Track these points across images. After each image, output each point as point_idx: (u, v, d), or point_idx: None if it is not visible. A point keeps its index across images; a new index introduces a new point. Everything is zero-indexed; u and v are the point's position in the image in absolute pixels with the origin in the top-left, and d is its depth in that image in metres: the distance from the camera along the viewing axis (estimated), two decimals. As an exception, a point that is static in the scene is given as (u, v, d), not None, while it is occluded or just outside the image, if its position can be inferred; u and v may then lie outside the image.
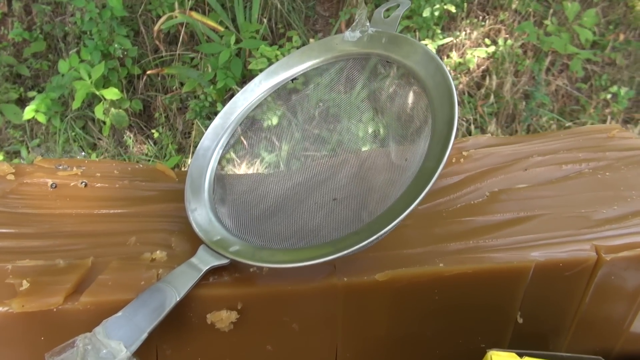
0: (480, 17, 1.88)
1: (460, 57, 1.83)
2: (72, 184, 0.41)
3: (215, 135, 0.42)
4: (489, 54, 1.81)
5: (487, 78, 1.78)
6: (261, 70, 1.41)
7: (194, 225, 0.36)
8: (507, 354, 0.26)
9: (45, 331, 0.32)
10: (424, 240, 0.36)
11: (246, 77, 1.74)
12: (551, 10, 1.82)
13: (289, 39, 1.74)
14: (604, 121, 1.69)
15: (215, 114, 1.73)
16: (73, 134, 1.66)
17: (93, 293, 0.31)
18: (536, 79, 1.77)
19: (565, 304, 0.36)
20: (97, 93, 1.57)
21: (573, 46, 1.76)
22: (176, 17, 1.67)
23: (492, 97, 1.75)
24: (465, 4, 1.86)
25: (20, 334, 0.32)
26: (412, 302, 0.35)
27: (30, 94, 1.67)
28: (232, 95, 1.81)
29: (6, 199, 0.39)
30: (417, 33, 1.79)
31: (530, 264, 0.34)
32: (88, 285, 0.32)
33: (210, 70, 1.65)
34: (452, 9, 1.74)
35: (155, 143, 1.69)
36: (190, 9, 1.73)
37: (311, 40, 1.77)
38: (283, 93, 0.43)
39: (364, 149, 0.41)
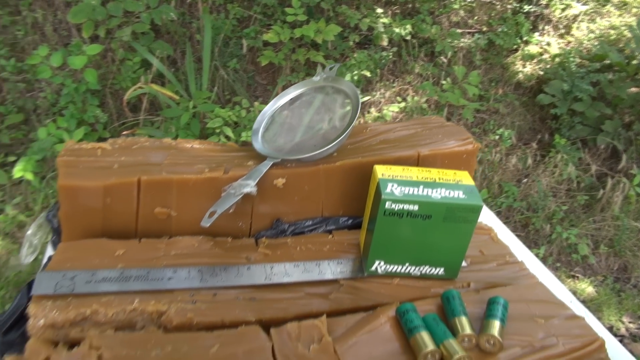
0: (392, 80, 2.78)
1: (378, 112, 2.68)
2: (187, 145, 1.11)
3: (259, 122, 1.14)
4: (400, 108, 2.67)
5: (401, 126, 2.63)
6: (217, 128, 2.42)
7: (261, 151, 1.07)
8: (386, 165, 0.98)
9: (215, 187, 1.00)
10: (353, 153, 1.09)
11: (202, 134, 2.47)
12: (443, 73, 2.75)
13: (238, 103, 2.51)
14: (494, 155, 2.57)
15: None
16: (51, 191, 2.26)
17: (233, 171, 1.01)
18: (438, 125, 2.65)
19: (411, 176, 1.11)
20: (78, 152, 2.20)
21: (464, 99, 2.66)
22: (142, 88, 2.39)
23: (405, 140, 2.59)
24: (378, 70, 2.74)
25: (205, 189, 1.00)
26: (351, 176, 1.07)
27: (10, 158, 2.27)
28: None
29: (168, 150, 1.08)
30: (342, 94, 2.63)
31: (392, 158, 1.08)
32: (229, 171, 1.01)
33: (173, 130, 2.35)
34: (368, 74, 2.61)
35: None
36: (151, 81, 2.45)
37: (255, 103, 2.54)
38: (288, 103, 1.17)
39: (325, 124, 1.14)
